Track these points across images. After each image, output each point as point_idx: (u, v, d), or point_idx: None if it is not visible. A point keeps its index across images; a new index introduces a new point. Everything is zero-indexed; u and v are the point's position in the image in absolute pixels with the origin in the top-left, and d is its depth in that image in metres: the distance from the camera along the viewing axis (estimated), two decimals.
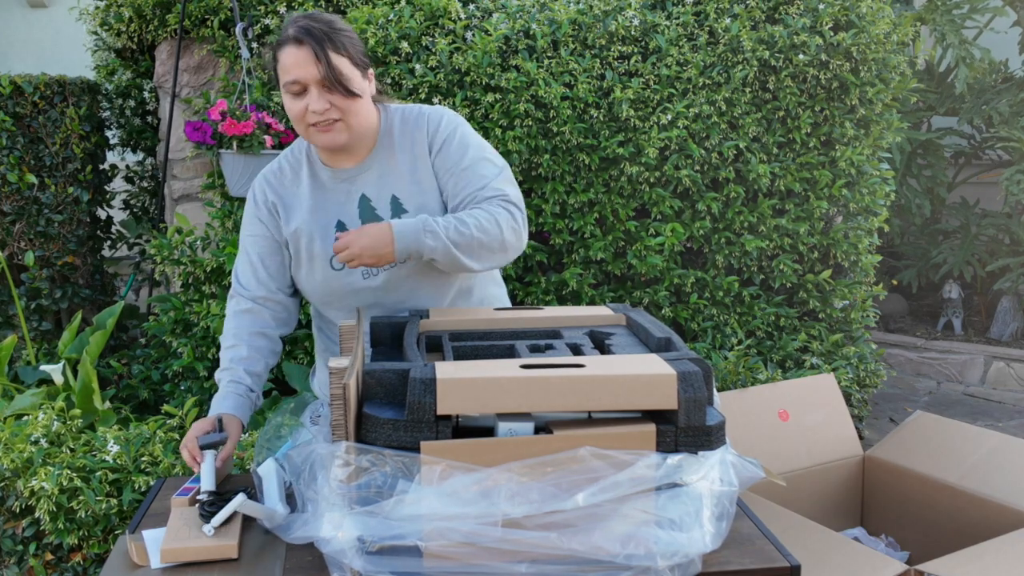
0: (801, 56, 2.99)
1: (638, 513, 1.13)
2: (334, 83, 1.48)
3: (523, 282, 3.15)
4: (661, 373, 1.17)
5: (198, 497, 1.43)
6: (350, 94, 1.51)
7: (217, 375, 1.64)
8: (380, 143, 1.63)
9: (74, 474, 2.25)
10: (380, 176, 1.62)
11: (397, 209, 1.59)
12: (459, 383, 1.12)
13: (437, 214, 1.58)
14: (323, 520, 1.12)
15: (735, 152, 3.11)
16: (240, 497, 1.31)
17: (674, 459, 1.16)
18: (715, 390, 1.38)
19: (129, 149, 3.99)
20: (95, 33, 3.86)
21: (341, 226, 1.61)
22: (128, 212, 4.05)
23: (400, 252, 1.48)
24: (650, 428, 1.17)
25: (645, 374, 1.17)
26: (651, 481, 1.14)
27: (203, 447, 1.45)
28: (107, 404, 2.86)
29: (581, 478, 1.11)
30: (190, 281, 3.12)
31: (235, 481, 1.58)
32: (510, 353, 1.39)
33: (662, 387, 1.16)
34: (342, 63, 1.50)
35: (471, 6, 3.19)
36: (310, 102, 1.50)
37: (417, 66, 2.95)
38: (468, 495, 1.08)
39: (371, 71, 1.59)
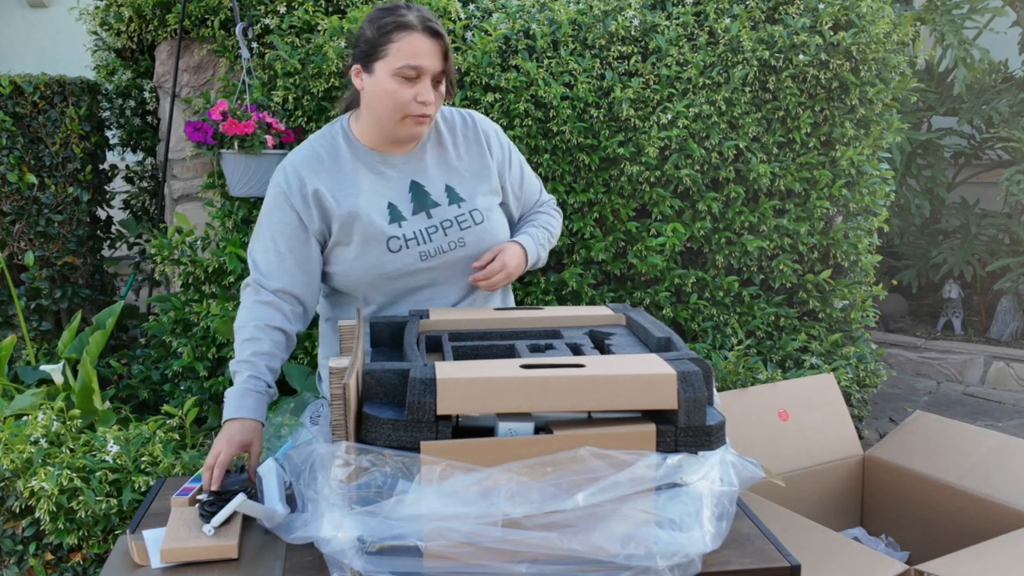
0: (801, 56, 2.99)
1: (638, 513, 1.13)
2: (450, 82, 1.63)
3: (523, 282, 3.15)
4: (661, 373, 1.17)
5: (198, 497, 1.43)
6: (451, 94, 1.65)
7: (234, 366, 1.61)
8: (429, 137, 1.72)
9: (74, 474, 2.25)
10: (431, 167, 1.71)
11: (454, 197, 1.70)
12: (459, 383, 1.12)
13: (482, 203, 1.73)
14: (323, 520, 1.12)
15: (735, 152, 3.11)
16: (240, 497, 1.31)
17: (674, 459, 1.16)
18: (715, 390, 1.38)
19: (129, 149, 3.98)
20: (95, 33, 3.86)
21: (393, 207, 1.66)
22: (128, 212, 4.04)
23: (529, 266, 1.78)
24: (650, 428, 1.17)
25: (645, 374, 1.17)
26: (651, 481, 1.14)
27: (217, 491, 1.43)
28: (107, 404, 2.86)
29: (581, 478, 1.11)
30: (190, 281, 3.12)
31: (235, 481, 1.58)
32: (510, 353, 1.39)
33: (662, 387, 1.16)
34: (451, 64, 1.63)
35: (471, 6, 3.19)
36: (421, 91, 1.57)
37: None
38: (468, 495, 1.08)
39: None
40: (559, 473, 1.11)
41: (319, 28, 3.03)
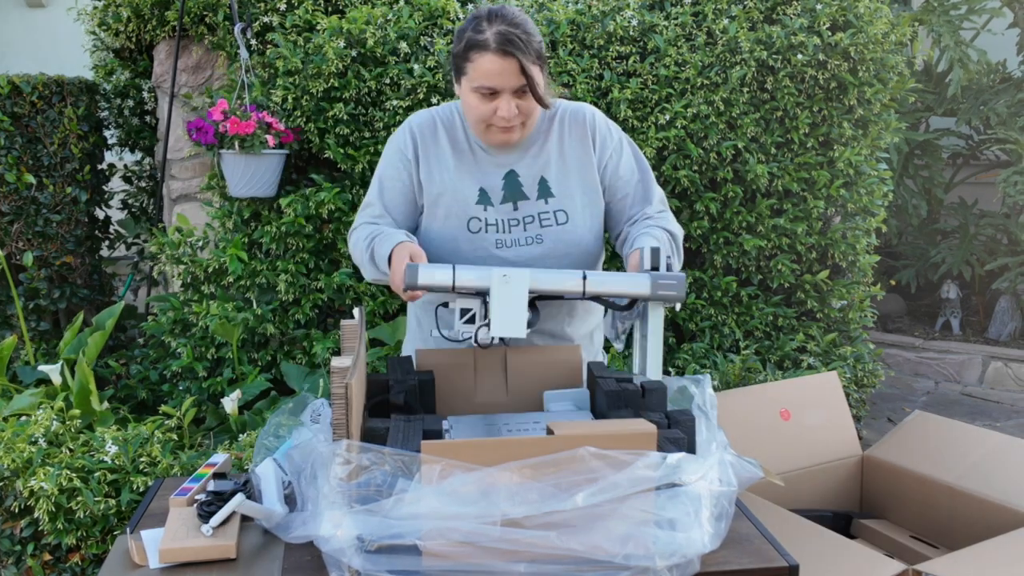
0: (799, 56, 2.99)
1: (637, 513, 1.13)
2: (533, 94, 1.56)
3: None
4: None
5: (196, 497, 1.42)
6: (542, 103, 1.59)
7: (371, 243, 1.62)
8: (538, 129, 1.70)
9: (73, 474, 2.25)
10: (533, 158, 1.70)
11: (544, 191, 1.69)
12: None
13: (577, 198, 1.70)
14: (323, 518, 1.12)
15: (733, 152, 3.11)
16: (239, 497, 1.31)
17: (673, 459, 1.16)
18: (712, 391, 1.40)
19: (127, 149, 3.98)
20: (93, 33, 3.85)
21: (483, 192, 1.68)
22: (126, 212, 4.04)
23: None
24: (651, 429, 1.17)
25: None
26: (650, 481, 1.14)
27: (215, 491, 1.42)
28: (105, 404, 2.86)
29: (581, 478, 1.11)
30: (189, 281, 3.11)
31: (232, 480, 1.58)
32: None
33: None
34: (537, 73, 1.56)
35: (470, 6, 3.19)
36: (500, 107, 1.56)
37: (415, 66, 2.95)
38: (468, 494, 1.08)
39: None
40: (559, 473, 1.11)
41: (318, 28, 3.03)
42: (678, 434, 1.26)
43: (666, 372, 3.18)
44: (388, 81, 2.97)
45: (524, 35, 1.53)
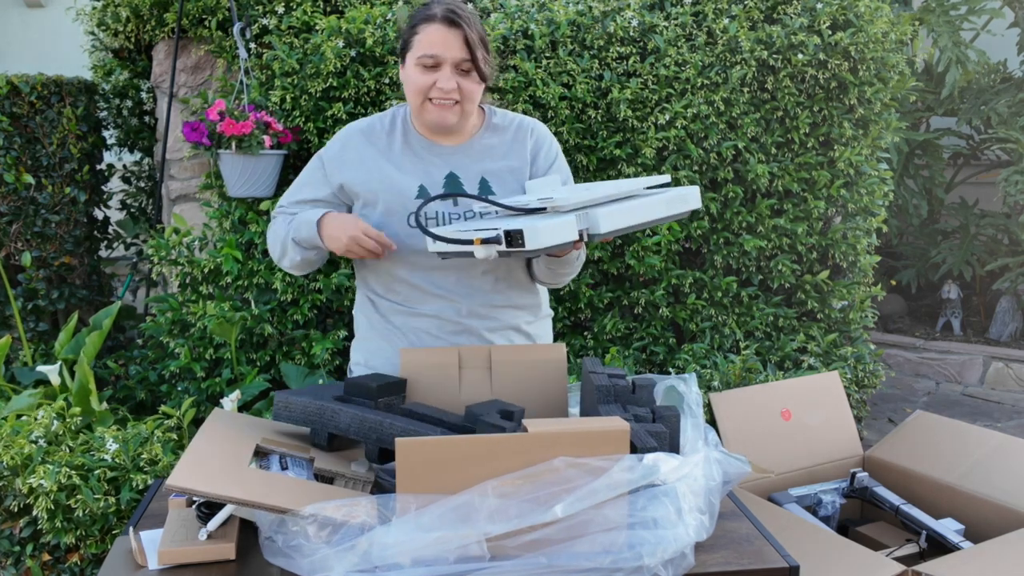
0: (799, 56, 2.99)
1: (620, 517, 1.13)
2: (475, 68, 1.61)
3: None
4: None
5: (195, 498, 1.42)
6: (483, 80, 1.64)
7: (289, 226, 1.69)
8: (483, 134, 1.75)
9: (72, 472, 2.24)
10: (474, 160, 1.73)
11: (486, 190, 1.71)
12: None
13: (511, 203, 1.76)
14: (304, 562, 1.12)
15: (734, 152, 3.10)
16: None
17: (649, 459, 1.15)
18: (698, 390, 1.41)
19: (126, 149, 3.97)
20: (92, 33, 3.85)
21: (422, 188, 1.70)
22: (125, 212, 4.03)
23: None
24: (624, 427, 1.16)
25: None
26: (628, 484, 1.13)
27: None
28: (104, 405, 2.85)
29: (558, 488, 1.11)
30: (187, 281, 3.11)
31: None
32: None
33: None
34: (481, 52, 1.63)
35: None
36: (439, 79, 1.61)
37: None
38: (447, 518, 1.09)
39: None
40: (535, 486, 1.11)
41: (317, 28, 3.03)
42: (660, 428, 1.26)
43: (667, 372, 3.18)
44: (387, 80, 2.97)
45: (470, 15, 1.62)
